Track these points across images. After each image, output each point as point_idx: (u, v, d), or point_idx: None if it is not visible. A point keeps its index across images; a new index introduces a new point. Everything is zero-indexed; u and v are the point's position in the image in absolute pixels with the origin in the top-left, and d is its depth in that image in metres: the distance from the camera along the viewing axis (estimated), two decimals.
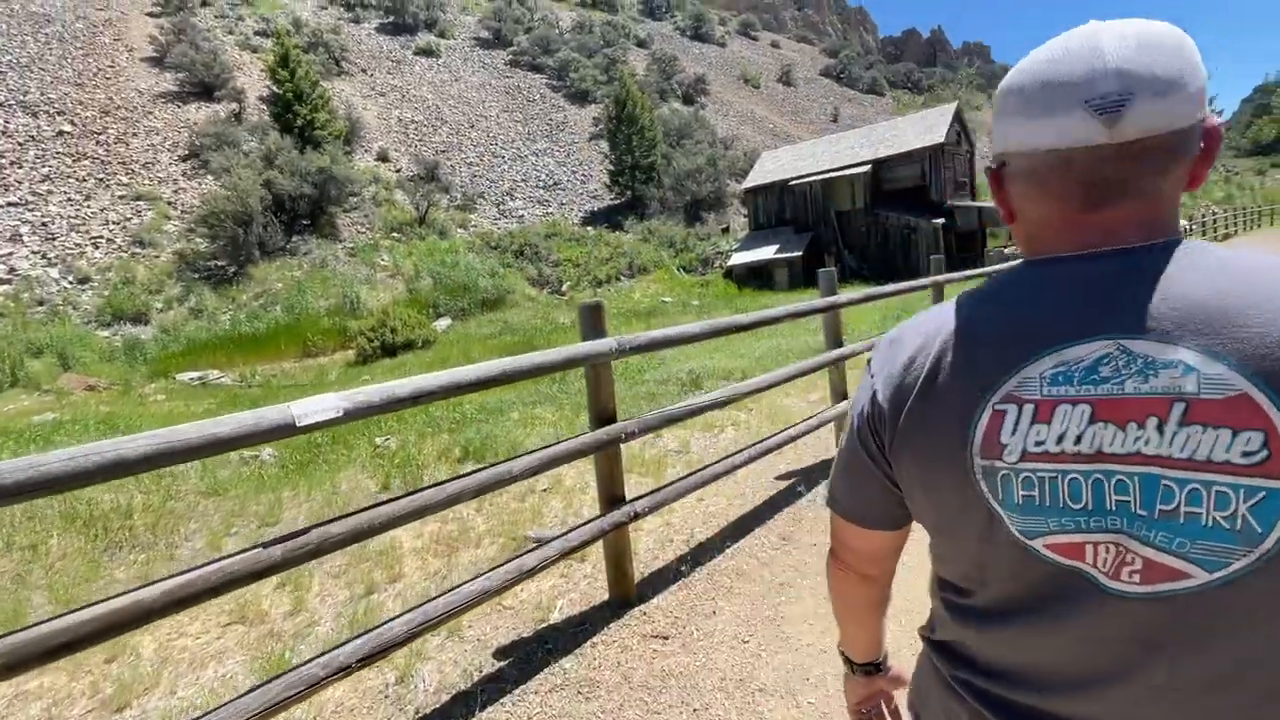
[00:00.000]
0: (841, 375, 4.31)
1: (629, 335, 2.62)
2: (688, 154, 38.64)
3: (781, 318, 3.56)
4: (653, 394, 7.39)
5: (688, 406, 2.91)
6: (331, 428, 1.95)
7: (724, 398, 3.10)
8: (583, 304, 2.57)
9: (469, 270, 24.83)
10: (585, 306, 2.57)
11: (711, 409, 3.06)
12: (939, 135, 24.15)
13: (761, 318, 3.41)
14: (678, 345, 2.90)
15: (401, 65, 52.60)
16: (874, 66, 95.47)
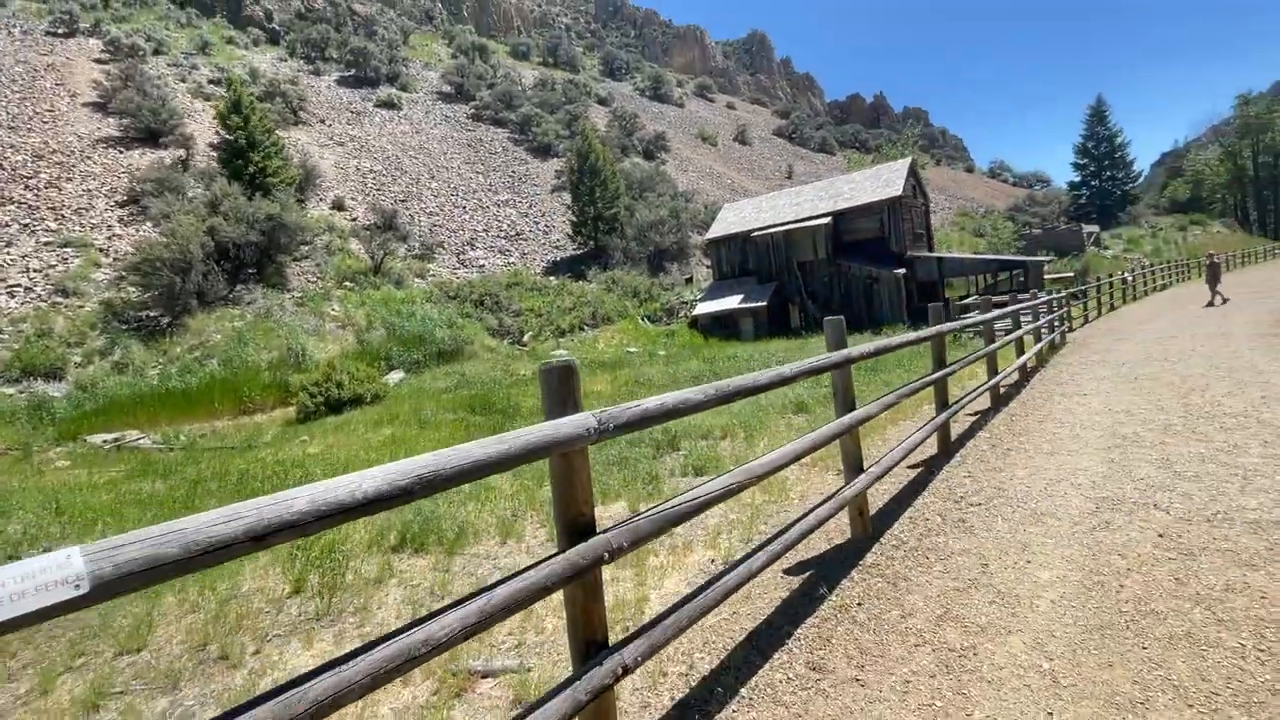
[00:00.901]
0: (856, 443, 3.62)
1: (613, 409, 1.85)
2: (650, 206, 38.95)
3: (796, 377, 2.87)
4: (623, 458, 6.55)
5: (693, 499, 2.15)
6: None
7: (735, 484, 2.35)
8: (546, 366, 1.81)
9: (425, 320, 23.81)
10: (550, 370, 1.81)
11: (721, 499, 2.30)
12: (896, 189, 24.76)
13: (776, 377, 2.71)
14: (678, 418, 2.16)
15: (362, 116, 52.40)
16: (823, 127, 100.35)
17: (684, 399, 2.12)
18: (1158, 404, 6.77)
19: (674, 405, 2.06)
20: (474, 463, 1.45)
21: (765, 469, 2.56)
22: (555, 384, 1.80)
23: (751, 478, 2.44)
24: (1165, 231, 57.66)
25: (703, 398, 2.21)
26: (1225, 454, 4.66)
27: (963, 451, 5.71)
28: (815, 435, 3.04)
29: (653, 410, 1.98)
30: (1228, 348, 10.66)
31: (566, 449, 1.71)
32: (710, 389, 2.27)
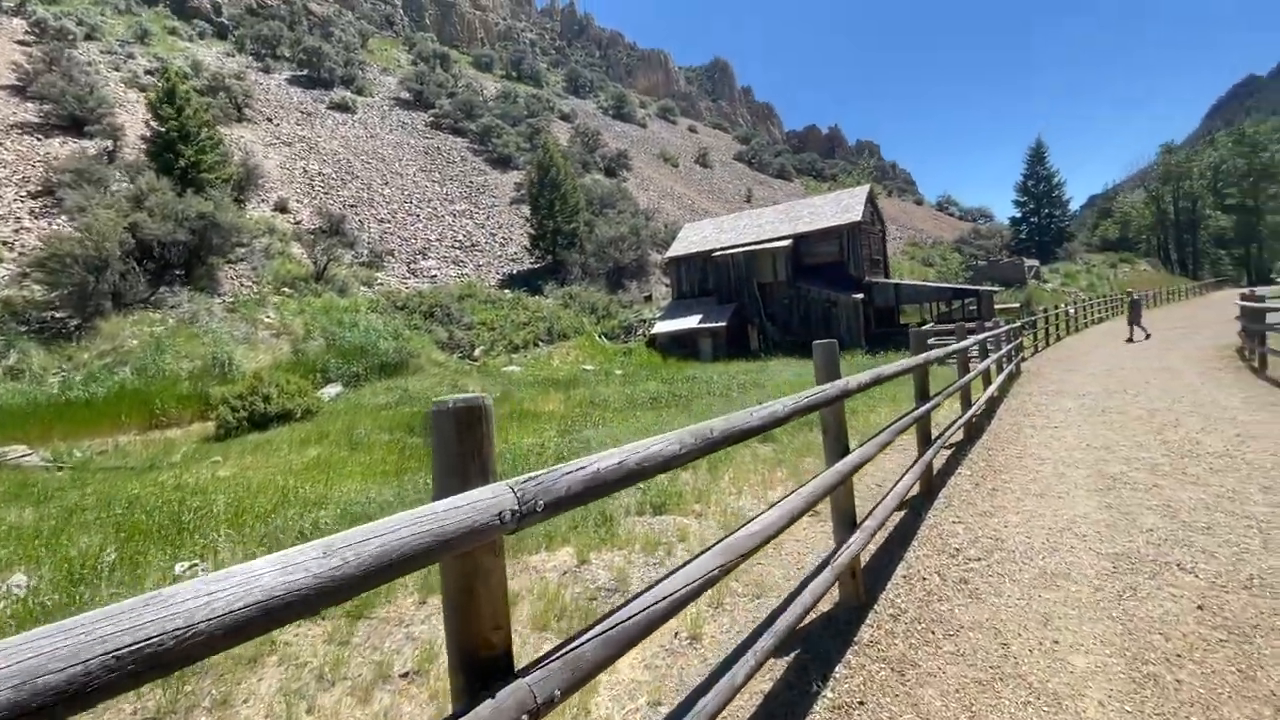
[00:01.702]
0: (849, 494, 3.03)
1: (544, 476, 1.18)
2: (610, 222, 38.55)
3: (790, 416, 2.26)
4: None
5: (664, 595, 1.48)
6: None
7: (717, 568, 1.70)
8: (438, 407, 1.12)
9: (369, 331, 22.52)
10: (444, 414, 1.13)
11: (701, 591, 1.64)
12: (856, 214, 25.00)
13: (770, 417, 2.09)
14: (644, 480, 1.49)
15: (313, 117, 50.53)
16: (782, 155, 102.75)
17: (652, 453, 1.47)
18: (1135, 440, 6.51)
19: (638, 464, 1.40)
20: (250, 610, 0.73)
21: (752, 543, 1.92)
22: (451, 438, 1.12)
23: (735, 556, 1.80)
24: (1098, 268, 60.87)
25: (678, 449, 1.56)
26: (1228, 501, 4.31)
27: (946, 491, 5.23)
28: (808, 491, 2.43)
29: (607, 473, 1.31)
30: (1179, 381, 10.73)
31: (466, 547, 1.02)
32: (689, 436, 1.63)
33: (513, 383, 19.56)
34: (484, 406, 1.16)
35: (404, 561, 0.89)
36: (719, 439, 1.75)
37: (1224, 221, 67.95)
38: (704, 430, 1.71)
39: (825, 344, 3.06)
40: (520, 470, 7.36)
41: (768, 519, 2.06)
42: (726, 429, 1.80)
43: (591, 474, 1.27)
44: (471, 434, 1.12)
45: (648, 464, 1.44)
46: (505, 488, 1.07)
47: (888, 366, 3.75)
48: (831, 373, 2.97)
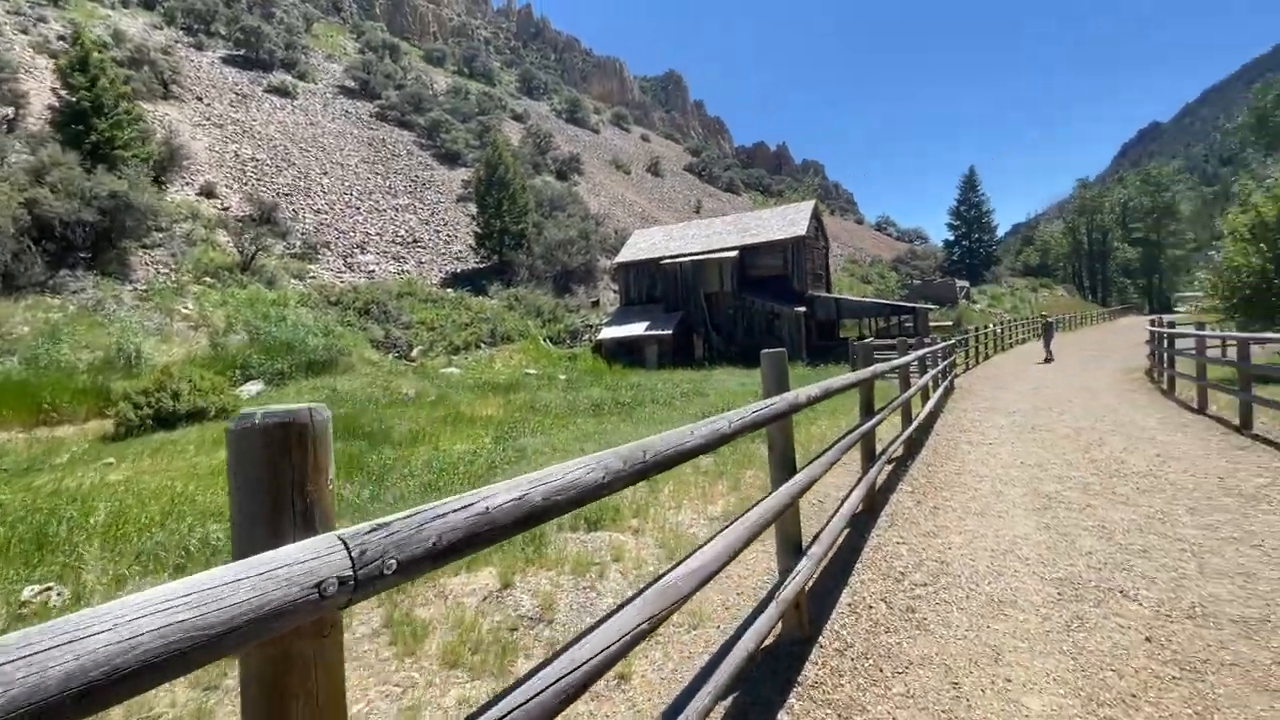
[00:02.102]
0: (796, 518, 2.79)
1: (398, 523, 0.84)
2: (560, 225, 38.03)
3: (737, 433, 2.00)
4: None
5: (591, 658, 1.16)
6: None
7: (647, 620, 1.39)
8: (242, 424, 0.78)
9: (297, 326, 21.24)
10: (250, 432, 0.77)
11: (626, 651, 1.33)
12: (801, 229, 25.46)
13: (714, 435, 1.81)
14: (552, 518, 1.16)
15: (248, 100, 47.87)
16: (731, 169, 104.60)
17: (568, 482, 1.15)
18: (1065, 459, 6.64)
19: (547, 498, 1.08)
20: None
21: (689, 584, 1.63)
22: (258, 469, 0.77)
23: (668, 605, 1.49)
24: (1021, 291, 64.55)
25: (602, 476, 1.25)
26: (1159, 522, 4.34)
27: (889, 509, 5.13)
28: (753, 518, 2.16)
29: (502, 513, 0.98)
30: (1098, 401, 11.23)
31: (260, 636, 0.67)
32: (616, 460, 1.33)
33: (451, 385, 18.80)
34: (311, 423, 0.82)
35: (162, 664, 0.55)
36: (653, 462, 1.45)
37: (1130, 253, 73.39)
38: (635, 452, 1.40)
39: (775, 353, 2.82)
40: (447, 482, 6.84)
41: (707, 555, 1.78)
42: (662, 450, 1.51)
43: (477, 515, 0.94)
44: (288, 463, 0.78)
45: (560, 497, 1.12)
46: (335, 542, 0.73)
47: (837, 380, 3.56)
48: (781, 384, 2.74)
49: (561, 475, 1.15)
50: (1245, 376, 7.99)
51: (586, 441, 8.39)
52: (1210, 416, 9.08)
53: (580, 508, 1.27)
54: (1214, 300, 14.01)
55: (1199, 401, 9.82)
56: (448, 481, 6.34)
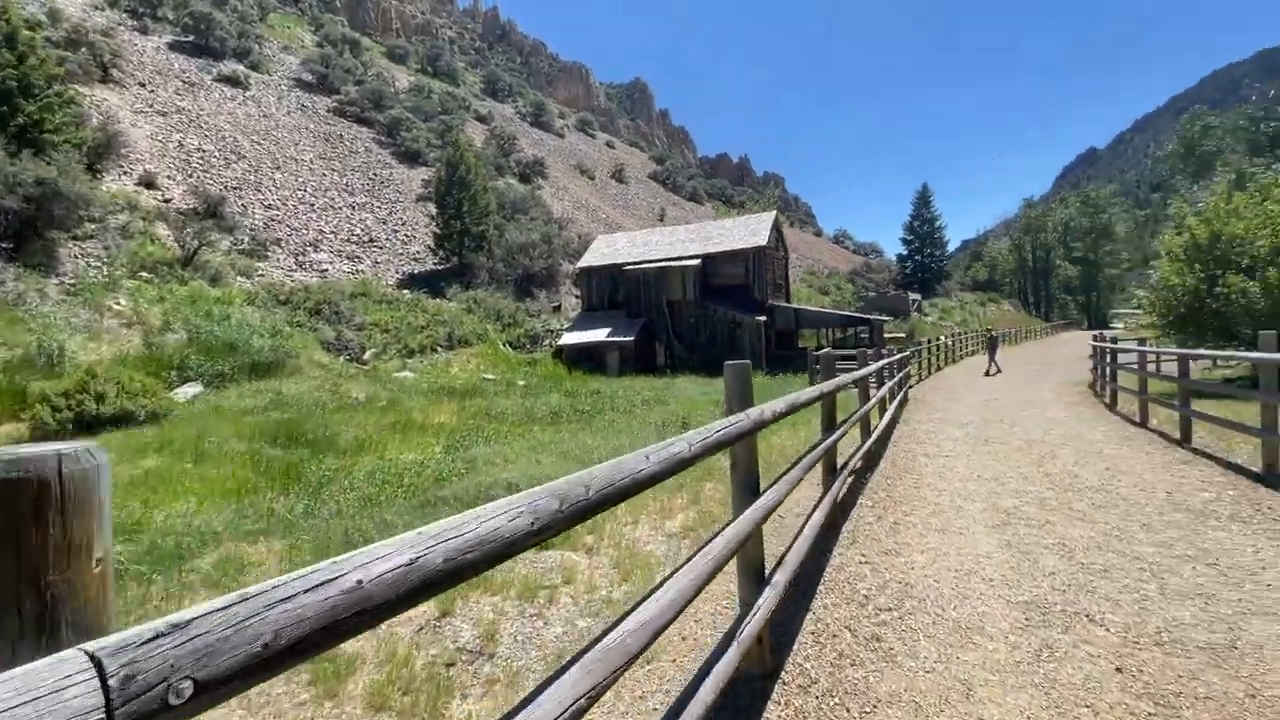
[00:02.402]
0: (759, 544, 2.60)
1: (198, 616, 0.58)
2: (522, 228, 37.51)
3: (697, 457, 1.78)
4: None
5: None
6: None
7: (585, 696, 1.15)
8: None
9: (242, 326, 20.20)
10: None
11: None
12: (762, 239, 25.67)
13: (671, 459, 1.59)
14: (452, 587, 0.90)
15: (196, 88, 45.81)
16: (695, 178, 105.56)
17: (482, 534, 0.89)
18: (1020, 472, 6.68)
19: (451, 560, 0.81)
20: None
21: (639, 640, 1.39)
22: None
23: (614, 669, 1.24)
24: (970, 305, 66.84)
25: (530, 524, 1.01)
26: (1116, 540, 4.33)
27: (850, 525, 5.00)
28: (716, 551, 1.95)
29: (381, 587, 0.72)
30: (1046, 414, 11.52)
31: None
32: (549, 499, 1.08)
33: (404, 389, 18.16)
34: (60, 479, 0.55)
35: None
36: (598, 498, 1.22)
37: (1071, 271, 76.98)
38: (575, 488, 1.16)
39: (738, 365, 2.63)
40: (389, 495, 6.44)
41: (662, 601, 1.55)
42: (611, 482, 1.28)
43: (343, 594, 0.68)
44: (13, 541, 0.52)
45: (472, 555, 0.87)
46: (83, 663, 0.47)
47: (804, 393, 3.40)
48: (745, 399, 2.54)
49: (475, 525, 0.91)
50: (1185, 392, 8.25)
51: (542, 452, 8.08)
52: (1152, 430, 9.37)
53: (501, 563, 1.02)
54: (1152, 317, 14.64)
55: (1140, 415, 10.14)
56: (390, 495, 5.96)
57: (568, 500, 1.12)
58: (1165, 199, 72.33)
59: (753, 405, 2.55)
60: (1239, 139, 43.74)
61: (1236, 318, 12.64)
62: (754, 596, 2.46)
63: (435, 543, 0.83)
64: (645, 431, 10.08)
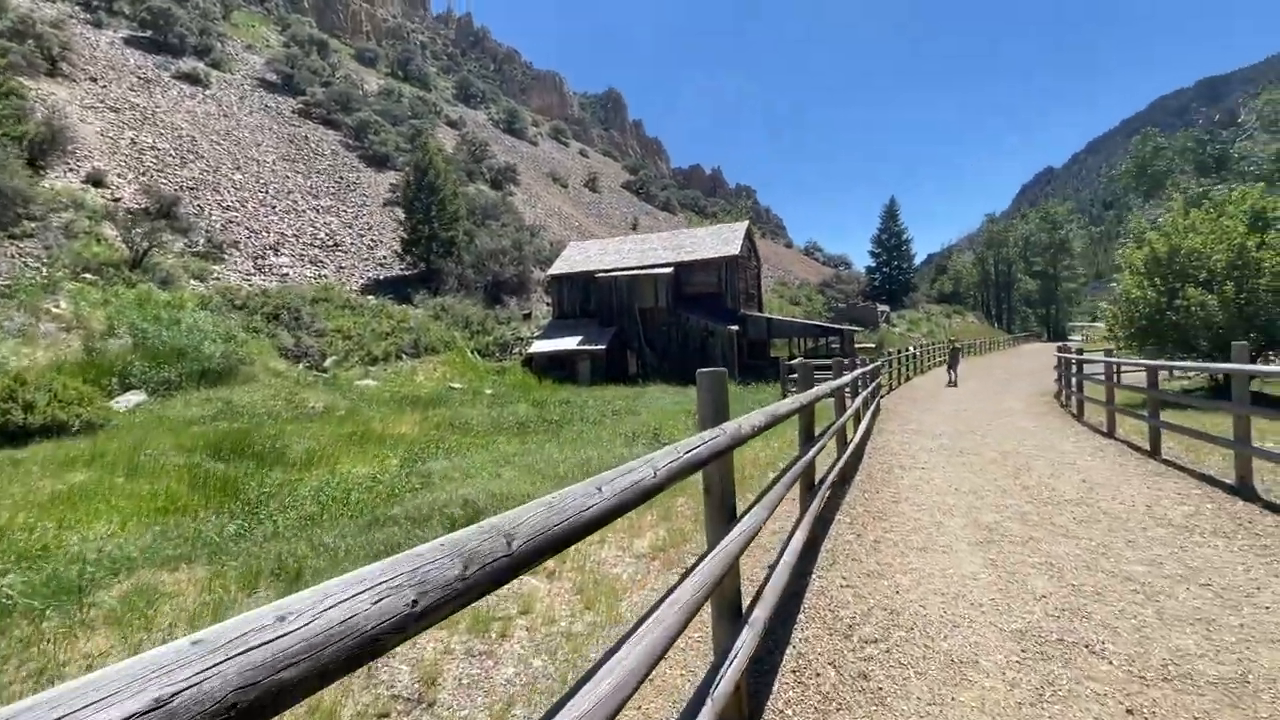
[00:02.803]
0: (735, 581, 2.28)
1: None
2: (493, 234, 36.93)
3: (665, 484, 1.46)
4: (331, 554, 4.61)
5: None
6: None
7: None
8: None
9: (193, 331, 19.24)
10: None
11: None
12: (734, 248, 25.63)
13: (634, 489, 1.27)
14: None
15: (152, 85, 44.20)
16: (668, 188, 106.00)
17: (325, 628, 0.57)
18: (997, 485, 6.53)
19: (239, 694, 0.50)
20: None
21: (600, 717, 1.05)
22: None
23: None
24: (936, 317, 68.28)
25: (411, 601, 0.67)
26: (1103, 558, 4.14)
27: (829, 543, 4.74)
28: (686, 594, 1.62)
29: None
30: (1016, 424, 11.53)
31: None
32: (439, 562, 0.74)
33: (366, 398, 17.47)
34: None
35: None
36: (524, 553, 0.87)
37: (1031, 285, 79.34)
38: (489, 541, 0.82)
39: (714, 374, 2.32)
40: (333, 515, 5.84)
41: (627, 663, 1.21)
42: (542, 529, 0.93)
43: None
44: None
45: (302, 667, 0.53)
46: None
47: (784, 404, 3.12)
48: (720, 412, 2.24)
49: (311, 614, 0.57)
50: (1154, 403, 8.27)
51: (506, 465, 7.66)
52: (1120, 440, 9.40)
53: (358, 668, 0.68)
54: (1114, 329, 14.91)
55: (1108, 425, 10.19)
56: (334, 514, 5.49)
57: (477, 560, 0.78)
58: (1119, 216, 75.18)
59: (729, 419, 2.25)
60: (1187, 159, 45.62)
61: (1195, 330, 12.90)
62: (730, 640, 2.15)
63: (221, 659, 0.50)
64: (615, 443, 9.73)
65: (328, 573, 4.10)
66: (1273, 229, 12.81)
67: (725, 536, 2.06)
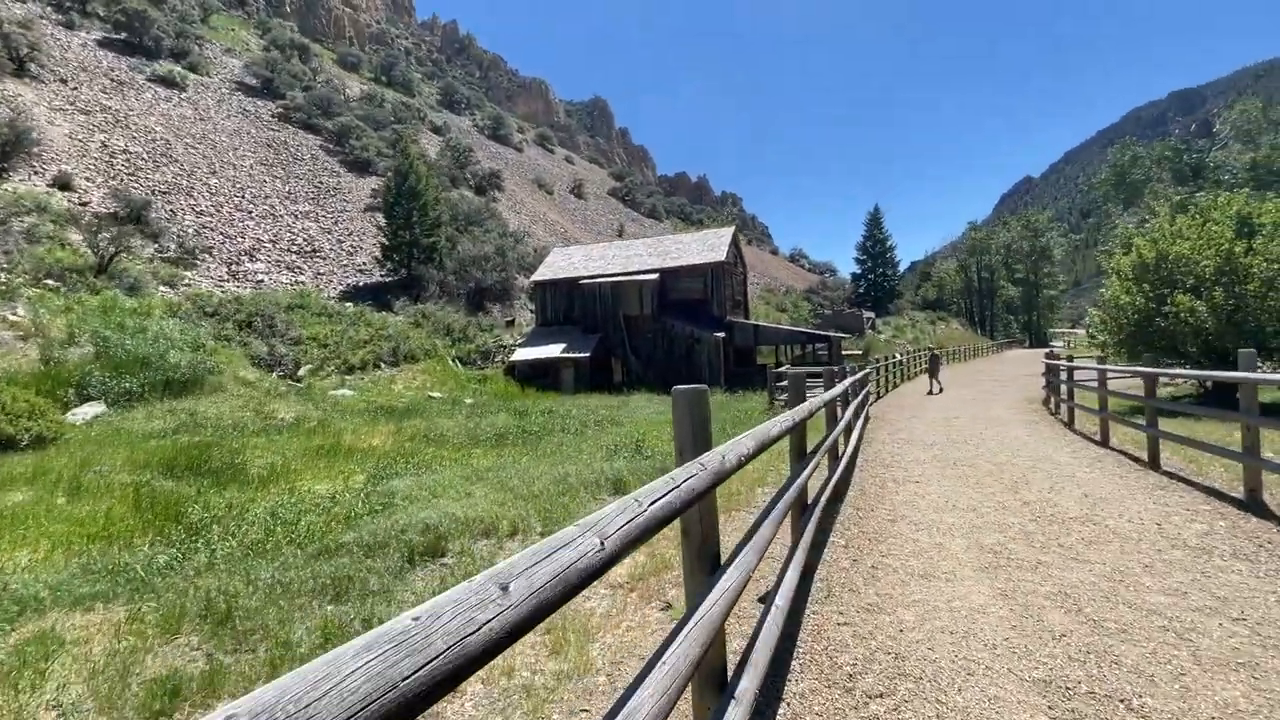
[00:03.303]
0: (721, 648, 1.87)
1: None
2: (475, 240, 36.40)
3: (621, 554, 1.06)
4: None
5: None
6: None
7: None
8: None
9: (159, 339, 18.50)
10: None
11: None
12: (721, 254, 25.36)
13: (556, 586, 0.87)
14: None
15: (125, 87, 43.27)
16: (654, 195, 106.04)
17: None
18: (996, 500, 6.19)
19: None
20: None
21: None
22: None
23: None
24: (920, 324, 68.60)
25: None
26: (1122, 586, 3.79)
27: (823, 571, 4.35)
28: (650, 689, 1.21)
29: None
30: (1008, 433, 11.26)
31: None
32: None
33: (340, 409, 16.87)
34: None
35: None
36: (387, 710, 0.48)
37: (1013, 291, 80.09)
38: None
39: (690, 393, 1.92)
40: (279, 542, 5.25)
41: None
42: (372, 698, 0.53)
43: None
44: None
45: None
46: None
47: (775, 423, 2.73)
48: (700, 439, 1.84)
49: None
50: (1153, 412, 8.00)
51: (479, 481, 7.19)
52: (1116, 450, 9.14)
53: None
54: (1103, 335, 14.77)
55: (1102, 434, 9.95)
56: (281, 540, 5.00)
57: None
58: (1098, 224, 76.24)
59: (711, 445, 1.85)
60: (1164, 168, 46.30)
61: (1184, 336, 12.76)
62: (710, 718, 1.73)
63: None
64: (596, 455, 9.30)
65: (262, 613, 3.63)
66: (1260, 235, 12.73)
67: (707, 597, 1.65)
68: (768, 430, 2.48)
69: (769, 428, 2.54)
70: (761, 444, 2.30)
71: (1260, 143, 42.43)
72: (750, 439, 2.17)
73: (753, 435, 2.24)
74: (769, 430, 2.50)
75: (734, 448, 1.96)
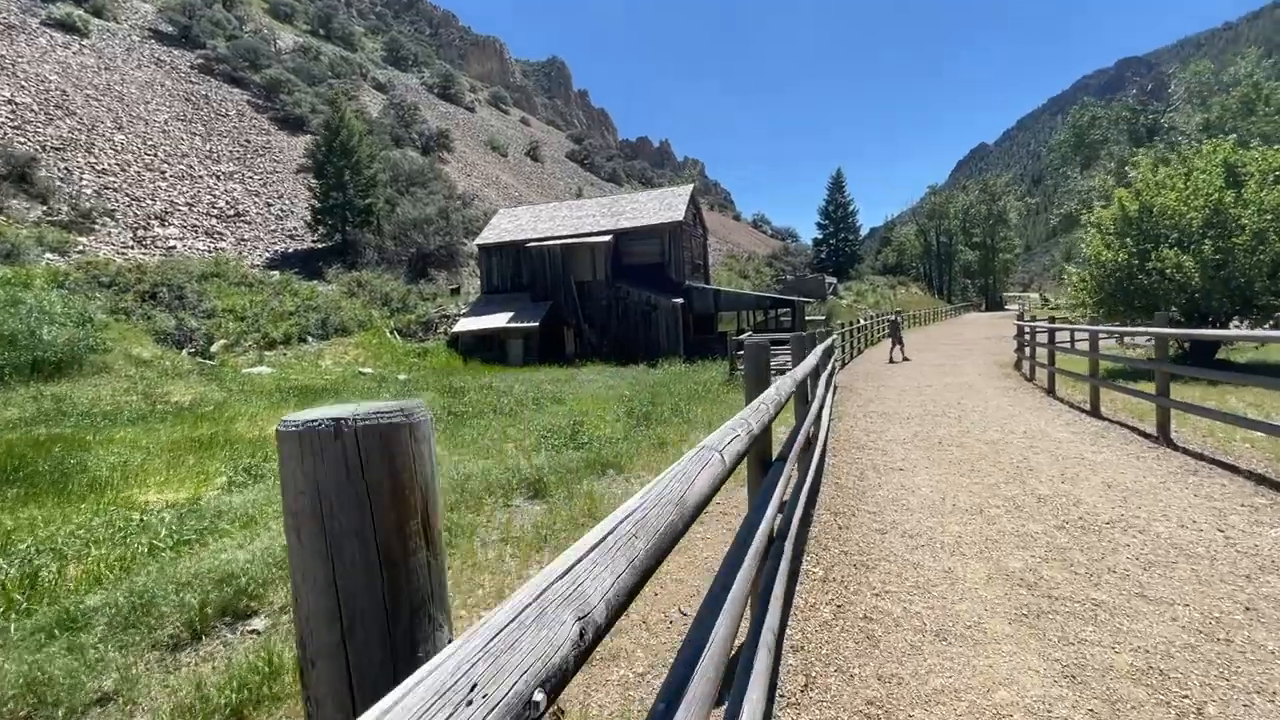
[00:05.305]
0: None
1: None
2: (417, 201, 33.81)
3: None
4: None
5: None
6: None
7: None
8: None
9: (34, 313, 16.07)
10: None
11: None
12: (678, 214, 23.77)
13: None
14: None
15: (15, 32, 38.55)
16: (614, 159, 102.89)
17: None
18: (1005, 495, 4.98)
19: None
20: None
21: None
22: None
23: None
24: (881, 288, 68.53)
25: None
26: (1226, 645, 2.56)
27: (796, 636, 3.02)
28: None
29: None
30: (988, 403, 10.24)
31: None
32: None
33: (250, 389, 14.91)
34: None
35: None
36: None
37: (970, 256, 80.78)
38: None
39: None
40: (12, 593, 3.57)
41: None
42: None
43: None
44: None
45: None
46: None
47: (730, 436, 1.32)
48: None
49: None
50: (1164, 378, 6.95)
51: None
52: (1112, 421, 8.16)
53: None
54: (1082, 294, 13.89)
55: (1092, 403, 8.99)
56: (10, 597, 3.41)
57: None
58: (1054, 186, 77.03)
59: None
60: (1121, 130, 46.30)
61: (1169, 294, 11.92)
62: None
63: None
64: (523, 444, 7.83)
65: None
66: (1249, 183, 11.85)
67: None
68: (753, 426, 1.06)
69: (727, 446, 1.13)
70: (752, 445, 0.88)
71: (1211, 105, 42.59)
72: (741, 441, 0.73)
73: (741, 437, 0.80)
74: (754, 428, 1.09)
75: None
